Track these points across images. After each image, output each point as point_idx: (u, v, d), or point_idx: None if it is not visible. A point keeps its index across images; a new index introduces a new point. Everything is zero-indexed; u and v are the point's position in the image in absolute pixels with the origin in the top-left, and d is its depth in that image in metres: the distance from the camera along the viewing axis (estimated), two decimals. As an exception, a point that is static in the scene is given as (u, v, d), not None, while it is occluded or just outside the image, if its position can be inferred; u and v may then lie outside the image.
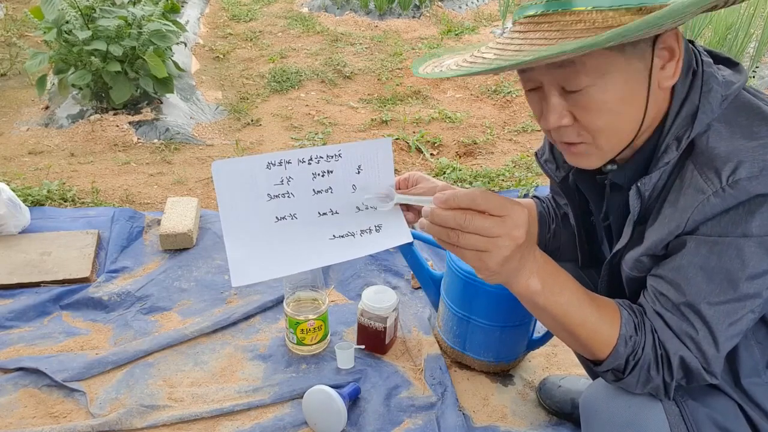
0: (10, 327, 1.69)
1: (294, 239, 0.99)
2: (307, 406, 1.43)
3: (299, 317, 1.57)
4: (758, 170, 0.78)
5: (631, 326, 0.87)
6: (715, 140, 0.83)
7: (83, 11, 2.80)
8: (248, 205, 0.99)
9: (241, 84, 3.65)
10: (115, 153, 2.78)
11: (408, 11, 5.01)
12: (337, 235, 1.01)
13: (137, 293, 1.83)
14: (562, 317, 0.85)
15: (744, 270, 0.81)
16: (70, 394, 1.49)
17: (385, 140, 1.02)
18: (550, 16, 0.78)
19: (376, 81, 3.75)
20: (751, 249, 0.80)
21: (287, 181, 1.01)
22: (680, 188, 0.84)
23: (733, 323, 0.84)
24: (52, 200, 2.31)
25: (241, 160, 1.00)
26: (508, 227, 0.74)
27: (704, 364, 0.86)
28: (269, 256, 0.98)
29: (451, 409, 1.46)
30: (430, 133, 3.03)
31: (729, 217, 0.81)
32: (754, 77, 3.89)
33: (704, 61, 0.86)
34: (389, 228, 1.03)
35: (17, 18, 4.37)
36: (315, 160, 1.03)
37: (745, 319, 0.85)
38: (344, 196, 1.04)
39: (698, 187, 0.81)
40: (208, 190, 2.51)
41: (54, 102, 3.23)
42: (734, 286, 0.82)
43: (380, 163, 1.06)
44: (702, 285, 0.84)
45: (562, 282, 0.84)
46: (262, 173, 1.00)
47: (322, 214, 1.02)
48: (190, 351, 1.64)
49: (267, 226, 0.98)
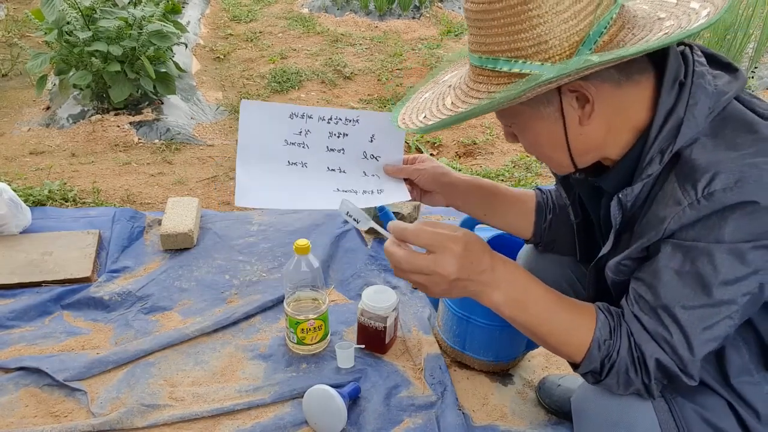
0: (12, 327, 1.70)
1: (300, 182, 1.06)
2: (307, 405, 1.43)
3: (299, 317, 1.57)
4: (733, 182, 0.79)
5: (606, 330, 0.89)
6: (698, 153, 0.84)
7: (84, 12, 2.81)
8: (265, 144, 1.07)
9: (242, 84, 3.66)
10: (116, 153, 2.79)
11: (408, 12, 5.02)
12: (341, 189, 1.09)
13: (138, 293, 1.83)
14: (531, 327, 0.91)
15: (717, 276, 0.83)
16: (71, 394, 1.50)
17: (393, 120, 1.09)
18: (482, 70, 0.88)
19: (376, 81, 3.76)
20: (723, 256, 0.82)
21: (305, 133, 1.10)
22: (662, 199, 0.86)
23: (707, 328, 0.85)
24: (53, 200, 2.32)
25: (269, 105, 1.11)
26: (439, 265, 0.85)
27: (681, 366, 0.87)
28: (274, 188, 1.05)
29: (451, 409, 1.47)
30: (430, 133, 3.04)
31: (702, 225, 0.82)
32: (753, 77, 3.89)
33: (696, 71, 0.86)
34: (390, 192, 1.15)
35: (18, 18, 4.38)
36: (334, 121, 1.12)
37: (722, 325, 0.85)
38: (354, 159, 1.13)
39: (676, 199, 0.83)
40: (209, 191, 2.51)
41: (55, 102, 3.23)
42: (708, 291, 0.83)
43: (393, 136, 1.15)
44: (677, 289, 0.85)
45: (529, 294, 0.90)
46: (285, 120, 1.10)
47: (330, 169, 1.10)
48: (190, 350, 1.65)
49: (278, 166, 1.06)
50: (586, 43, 0.81)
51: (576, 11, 0.80)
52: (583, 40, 0.81)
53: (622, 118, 0.88)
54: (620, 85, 0.85)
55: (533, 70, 0.82)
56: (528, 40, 0.81)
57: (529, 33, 0.81)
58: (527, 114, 0.89)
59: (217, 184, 2.57)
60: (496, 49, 0.84)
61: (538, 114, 0.88)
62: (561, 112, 0.87)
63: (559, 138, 0.89)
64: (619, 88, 0.85)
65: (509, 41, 0.82)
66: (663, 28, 0.83)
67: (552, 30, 0.80)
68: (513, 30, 0.81)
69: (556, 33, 0.80)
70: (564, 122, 0.88)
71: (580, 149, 0.91)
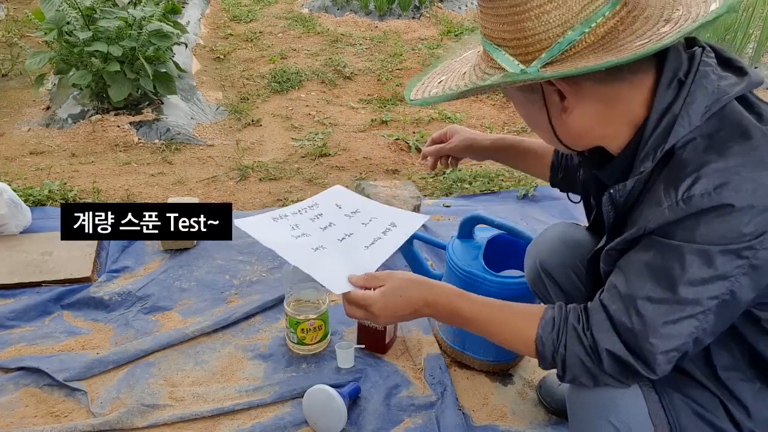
0: (12, 327, 1.70)
1: (336, 261, 1.12)
2: (307, 405, 1.43)
3: (299, 317, 1.57)
4: (712, 187, 0.80)
5: (549, 326, 0.95)
6: (689, 154, 0.84)
7: (84, 12, 2.81)
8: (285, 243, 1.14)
9: (242, 84, 3.66)
10: (116, 153, 2.79)
11: (408, 12, 5.02)
12: (368, 245, 1.17)
13: (138, 293, 1.83)
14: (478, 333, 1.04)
15: (683, 275, 0.84)
16: (71, 394, 1.50)
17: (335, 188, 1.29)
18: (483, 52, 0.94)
19: (376, 81, 3.76)
20: (692, 256, 0.83)
21: (296, 227, 1.19)
22: (649, 198, 0.88)
23: (668, 323, 0.86)
24: (53, 200, 2.32)
25: (252, 219, 1.21)
26: (370, 314, 1.05)
27: (639, 356, 0.88)
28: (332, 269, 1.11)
29: (451, 409, 1.47)
30: (430, 134, 3.03)
31: (678, 225, 0.83)
32: (753, 78, 3.89)
33: (700, 70, 0.85)
34: (402, 220, 1.25)
35: (18, 18, 4.38)
36: (302, 211, 1.24)
37: (686, 323, 0.85)
38: (345, 223, 1.22)
39: (658, 200, 0.85)
40: (209, 190, 2.51)
41: (55, 102, 3.23)
42: (673, 288, 0.85)
43: (352, 198, 1.29)
44: (645, 280, 0.87)
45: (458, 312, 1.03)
46: (275, 224, 1.20)
47: (341, 240, 1.17)
48: (190, 350, 1.65)
49: (310, 255, 1.12)
50: (558, 45, 0.83)
51: (559, 14, 0.81)
52: (557, 39, 0.83)
53: (616, 112, 0.89)
54: (606, 82, 0.86)
55: (501, 61, 0.88)
56: (511, 32, 0.85)
57: (512, 27, 0.84)
58: (518, 98, 0.97)
59: (217, 184, 2.57)
60: (490, 35, 0.89)
61: (526, 99, 0.95)
62: (544, 101, 0.92)
63: (545, 123, 0.95)
64: (605, 85, 0.86)
65: (498, 30, 0.87)
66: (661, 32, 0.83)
67: (532, 28, 0.83)
68: (502, 21, 0.85)
69: (536, 31, 0.83)
70: (547, 110, 0.92)
71: (567, 136, 0.95)
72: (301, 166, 2.75)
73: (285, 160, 2.80)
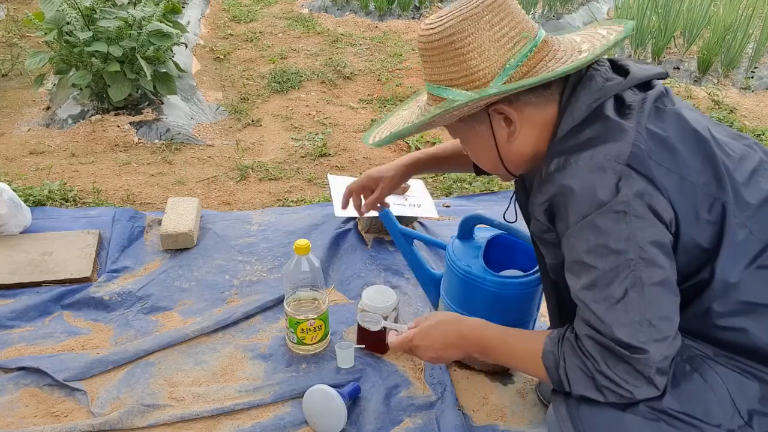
0: (12, 326, 1.70)
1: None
2: (307, 405, 1.43)
3: (299, 317, 1.57)
4: (562, 163, 0.95)
5: (551, 342, 1.02)
6: (558, 141, 0.99)
7: (84, 12, 2.81)
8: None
9: (242, 84, 3.66)
10: (116, 153, 2.79)
11: (408, 12, 5.02)
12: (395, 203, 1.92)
13: (138, 293, 1.83)
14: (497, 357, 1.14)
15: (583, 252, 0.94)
16: (71, 394, 1.50)
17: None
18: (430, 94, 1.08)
19: (376, 81, 3.76)
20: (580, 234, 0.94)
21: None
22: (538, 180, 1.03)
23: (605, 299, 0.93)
24: (53, 200, 2.32)
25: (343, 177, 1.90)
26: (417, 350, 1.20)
27: (605, 335, 0.93)
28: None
29: (451, 409, 1.47)
30: (430, 134, 3.04)
31: (556, 208, 0.97)
32: (752, 77, 3.90)
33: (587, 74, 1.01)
34: (425, 205, 2.13)
35: (18, 18, 4.38)
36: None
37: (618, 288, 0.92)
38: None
39: (537, 183, 1.02)
40: (209, 190, 2.52)
41: (55, 102, 3.23)
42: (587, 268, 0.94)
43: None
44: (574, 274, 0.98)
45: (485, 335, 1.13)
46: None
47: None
48: (190, 350, 1.65)
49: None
50: (501, 76, 0.98)
51: (496, 49, 0.98)
52: (498, 73, 0.98)
53: (546, 132, 1.03)
54: (538, 105, 1.02)
55: (456, 96, 1.01)
56: (457, 72, 1.00)
57: (457, 66, 0.99)
58: (464, 130, 1.09)
59: (217, 184, 2.57)
60: (437, 78, 1.03)
61: (473, 130, 1.07)
62: (491, 130, 1.05)
63: (492, 151, 1.07)
64: (538, 108, 1.02)
65: (444, 72, 1.01)
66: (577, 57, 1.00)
67: (476, 64, 0.98)
68: (445, 64, 1.00)
69: (480, 66, 0.98)
70: (495, 138, 1.05)
71: (512, 161, 1.08)
72: (301, 166, 2.75)
73: (285, 160, 2.80)
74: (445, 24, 0.99)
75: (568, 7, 5.07)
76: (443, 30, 0.99)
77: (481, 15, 0.97)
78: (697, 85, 3.75)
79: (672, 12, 3.91)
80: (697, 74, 3.91)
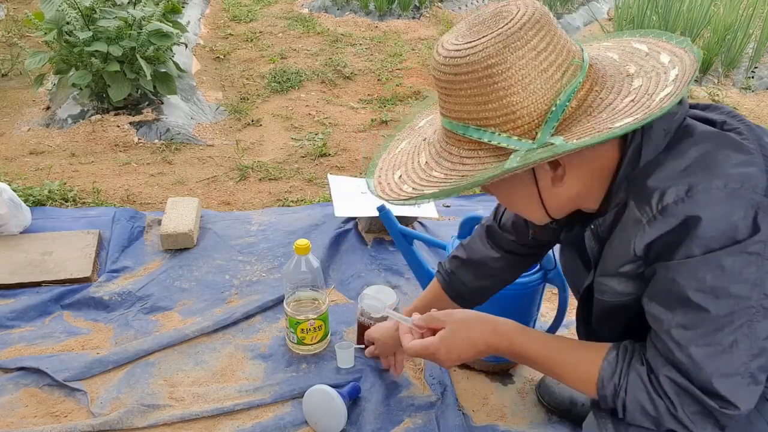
0: (11, 327, 1.70)
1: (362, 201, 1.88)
2: (307, 405, 1.43)
3: (299, 317, 1.57)
4: (684, 192, 0.80)
5: (610, 369, 0.92)
6: (649, 170, 0.85)
7: (84, 12, 2.81)
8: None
9: (242, 84, 3.66)
10: (116, 153, 2.79)
11: (408, 12, 5.02)
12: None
13: (138, 293, 1.83)
14: (536, 367, 1.05)
15: (692, 290, 0.82)
16: (71, 394, 1.50)
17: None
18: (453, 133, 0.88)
19: (376, 81, 3.76)
20: (693, 270, 0.81)
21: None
22: (625, 221, 0.89)
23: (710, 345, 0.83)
24: (53, 200, 2.32)
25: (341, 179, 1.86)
26: (438, 361, 1.10)
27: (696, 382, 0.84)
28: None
29: (451, 409, 1.47)
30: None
31: (668, 242, 0.82)
32: (752, 77, 3.89)
33: None
34: (424, 208, 2.04)
35: (18, 18, 4.38)
36: None
37: (727, 338, 0.82)
38: None
39: (636, 219, 0.85)
40: (209, 190, 2.51)
41: (55, 102, 3.23)
42: (697, 308, 0.83)
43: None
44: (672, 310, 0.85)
45: (519, 352, 1.04)
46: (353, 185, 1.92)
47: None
48: (190, 350, 1.65)
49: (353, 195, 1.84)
50: (554, 113, 0.81)
51: (543, 81, 0.80)
52: (550, 109, 0.81)
53: (596, 172, 0.90)
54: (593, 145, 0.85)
55: (501, 142, 0.83)
56: (495, 110, 0.81)
57: (496, 104, 0.81)
58: (501, 181, 0.89)
59: (217, 184, 2.57)
60: (466, 117, 0.84)
61: (510, 177, 0.86)
62: (534, 174, 0.89)
63: (533, 197, 0.92)
64: (591, 148, 0.84)
65: (477, 110, 0.83)
66: (631, 91, 0.83)
67: (520, 102, 0.81)
68: (480, 100, 0.82)
69: (524, 104, 0.81)
70: (537, 184, 0.90)
71: (555, 206, 0.93)
72: (301, 166, 2.75)
73: (285, 160, 2.80)
74: (480, 50, 0.80)
75: (568, 7, 5.07)
76: (478, 59, 0.80)
77: (526, 39, 0.79)
78: (698, 85, 3.75)
79: (672, 12, 3.91)
80: (698, 74, 3.91)
